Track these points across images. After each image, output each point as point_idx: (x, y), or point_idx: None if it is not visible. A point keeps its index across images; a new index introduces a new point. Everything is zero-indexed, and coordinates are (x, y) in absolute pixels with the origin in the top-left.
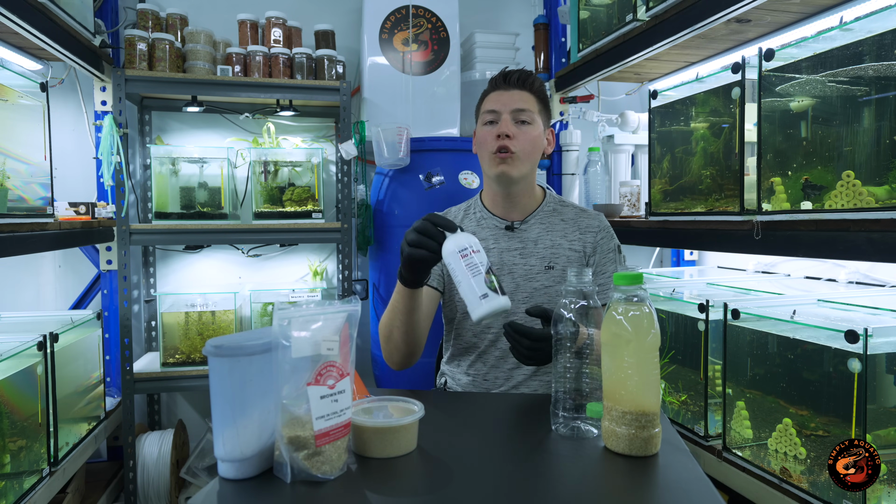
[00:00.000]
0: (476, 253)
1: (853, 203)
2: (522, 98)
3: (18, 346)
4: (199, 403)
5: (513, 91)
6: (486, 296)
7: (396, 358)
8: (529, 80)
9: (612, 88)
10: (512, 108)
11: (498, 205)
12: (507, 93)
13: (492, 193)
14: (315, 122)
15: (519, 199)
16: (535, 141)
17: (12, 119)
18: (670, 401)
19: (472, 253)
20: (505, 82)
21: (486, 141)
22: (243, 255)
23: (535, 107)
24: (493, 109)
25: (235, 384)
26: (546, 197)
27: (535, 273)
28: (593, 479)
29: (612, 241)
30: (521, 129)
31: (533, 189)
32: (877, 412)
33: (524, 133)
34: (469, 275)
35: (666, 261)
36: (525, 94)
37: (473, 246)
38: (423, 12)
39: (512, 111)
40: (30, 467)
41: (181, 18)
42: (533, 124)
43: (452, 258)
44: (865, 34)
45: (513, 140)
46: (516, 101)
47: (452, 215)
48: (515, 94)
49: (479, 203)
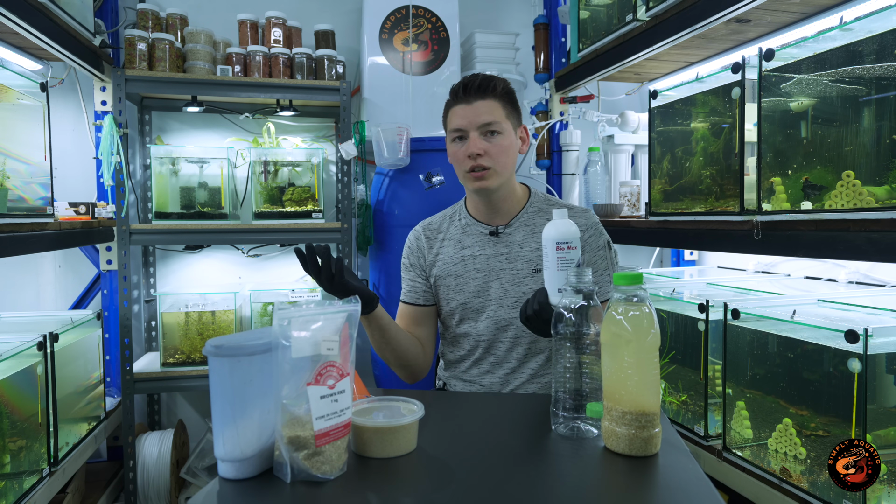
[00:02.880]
0: (572, 249)
1: (853, 203)
2: (487, 108)
3: (18, 346)
4: (199, 403)
5: (475, 103)
6: (562, 290)
7: (403, 375)
8: (490, 85)
9: (612, 88)
10: (478, 123)
11: (481, 212)
12: (469, 106)
13: (474, 202)
14: (315, 122)
15: (501, 204)
16: (508, 150)
17: (12, 119)
18: (670, 401)
19: (568, 249)
20: (465, 94)
21: (458, 159)
22: (243, 255)
23: (501, 113)
24: (458, 127)
25: (235, 384)
26: (530, 197)
27: (523, 277)
28: (593, 479)
29: (601, 237)
30: (491, 143)
31: (514, 192)
32: (877, 412)
33: (495, 145)
34: (558, 267)
35: (666, 261)
36: (488, 102)
37: (574, 241)
38: (423, 12)
39: (479, 126)
40: (30, 467)
41: (181, 18)
42: (503, 133)
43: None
44: (865, 34)
45: (484, 156)
46: (481, 115)
47: (437, 222)
48: (479, 106)
49: (464, 209)
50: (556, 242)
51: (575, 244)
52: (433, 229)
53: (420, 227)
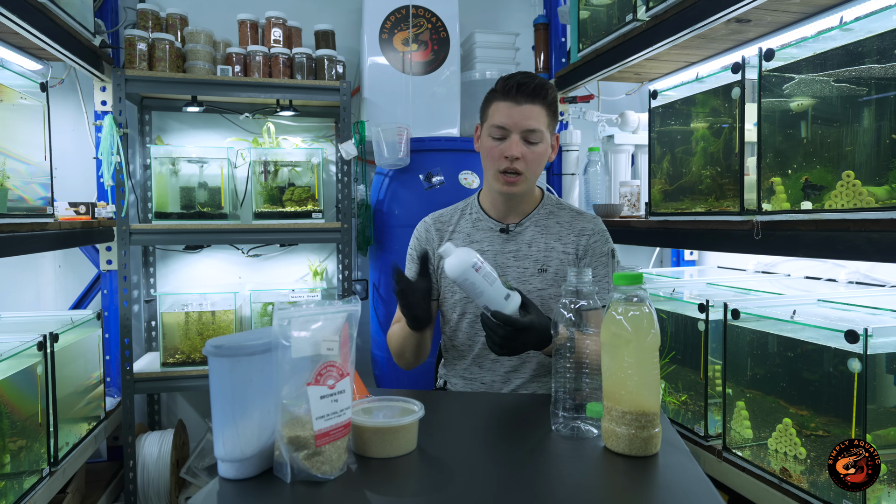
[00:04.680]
0: (484, 263)
1: (853, 203)
2: (534, 114)
3: (18, 346)
4: (199, 403)
5: (524, 106)
6: (508, 296)
7: (406, 366)
8: (543, 91)
9: (612, 88)
10: (523, 128)
11: (496, 208)
12: (518, 108)
13: (491, 197)
14: (315, 122)
15: (518, 203)
16: (542, 157)
17: (12, 119)
18: (670, 401)
19: (481, 264)
20: (518, 93)
21: (493, 157)
22: (243, 255)
23: (545, 122)
24: (502, 125)
25: (235, 384)
26: (543, 198)
27: (529, 276)
28: (593, 479)
29: (606, 245)
30: (530, 150)
31: (532, 192)
32: (877, 412)
33: (533, 153)
34: (488, 283)
35: (666, 261)
36: (537, 108)
37: (479, 259)
38: (423, 12)
39: (522, 130)
40: (30, 467)
41: (181, 18)
42: (542, 142)
43: (468, 275)
44: (865, 34)
45: (521, 161)
46: (528, 120)
47: (448, 216)
48: (527, 110)
49: (477, 204)
50: (468, 268)
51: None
52: (444, 221)
53: (430, 219)
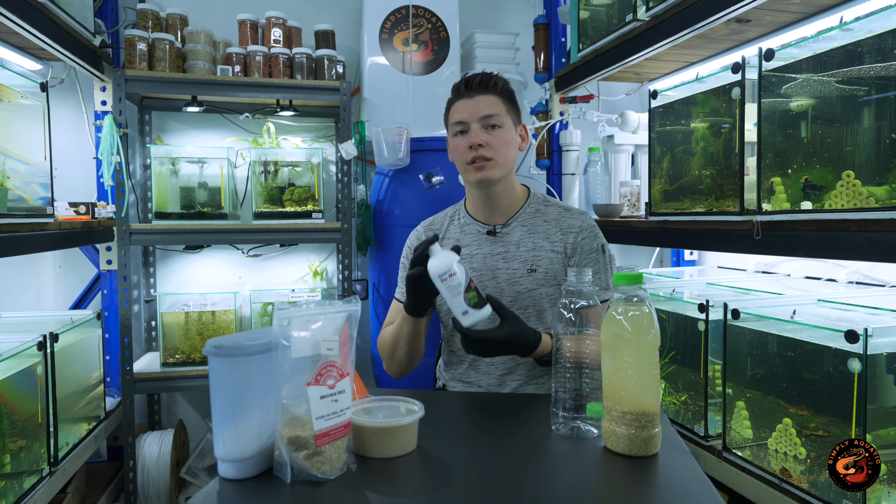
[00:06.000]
0: (453, 276)
1: (853, 203)
2: (488, 102)
3: (18, 346)
4: (199, 403)
5: (477, 97)
6: (466, 312)
7: (398, 370)
8: (491, 82)
9: (612, 88)
10: (479, 115)
11: (480, 210)
12: (471, 100)
13: (473, 198)
14: (315, 122)
15: (500, 200)
16: (509, 143)
17: (12, 119)
18: (670, 401)
19: (449, 277)
20: (467, 89)
21: (459, 152)
22: (243, 255)
23: (502, 108)
24: (460, 120)
25: (235, 384)
26: (529, 197)
27: (518, 277)
28: (593, 479)
29: (596, 240)
30: (492, 135)
31: (514, 189)
32: (877, 412)
33: (496, 138)
34: (450, 296)
35: (666, 261)
36: (490, 97)
37: (451, 269)
38: (423, 12)
39: (480, 119)
40: (30, 467)
41: (181, 18)
42: (503, 127)
43: (436, 281)
44: (865, 34)
45: (486, 147)
46: (482, 108)
47: (438, 222)
48: (480, 100)
49: (463, 208)
50: (438, 276)
51: (454, 270)
52: (434, 228)
53: (421, 227)
